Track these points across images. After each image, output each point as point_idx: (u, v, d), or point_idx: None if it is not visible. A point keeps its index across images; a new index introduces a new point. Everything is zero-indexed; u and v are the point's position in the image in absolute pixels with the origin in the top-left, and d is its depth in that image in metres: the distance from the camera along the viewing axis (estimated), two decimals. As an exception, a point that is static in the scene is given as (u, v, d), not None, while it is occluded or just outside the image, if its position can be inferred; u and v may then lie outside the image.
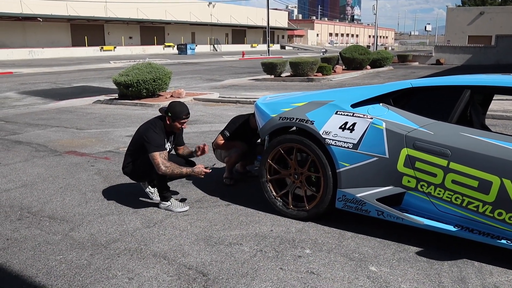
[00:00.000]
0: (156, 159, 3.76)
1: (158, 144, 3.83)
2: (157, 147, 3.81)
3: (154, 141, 3.82)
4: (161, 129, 3.94)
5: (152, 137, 3.83)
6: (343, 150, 3.41)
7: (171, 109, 3.91)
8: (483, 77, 3.39)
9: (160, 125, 3.95)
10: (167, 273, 2.90)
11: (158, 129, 3.92)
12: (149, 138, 3.83)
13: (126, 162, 4.12)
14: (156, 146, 3.81)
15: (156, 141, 3.83)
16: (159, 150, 3.81)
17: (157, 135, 3.86)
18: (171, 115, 3.90)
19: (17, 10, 41.75)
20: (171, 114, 3.90)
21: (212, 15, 66.78)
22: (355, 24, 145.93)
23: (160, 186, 4.00)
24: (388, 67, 24.38)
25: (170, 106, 3.94)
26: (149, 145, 3.81)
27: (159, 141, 3.85)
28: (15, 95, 13.55)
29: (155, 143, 3.82)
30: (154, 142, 3.82)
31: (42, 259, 3.10)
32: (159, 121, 3.99)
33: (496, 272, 2.89)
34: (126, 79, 10.94)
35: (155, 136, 3.85)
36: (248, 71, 23.27)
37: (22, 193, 4.49)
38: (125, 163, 4.13)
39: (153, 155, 3.78)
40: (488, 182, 2.88)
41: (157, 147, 3.81)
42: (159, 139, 3.86)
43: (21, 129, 8.00)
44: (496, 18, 40.78)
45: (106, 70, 23.83)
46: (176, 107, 3.93)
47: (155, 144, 3.81)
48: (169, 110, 3.91)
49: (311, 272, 2.90)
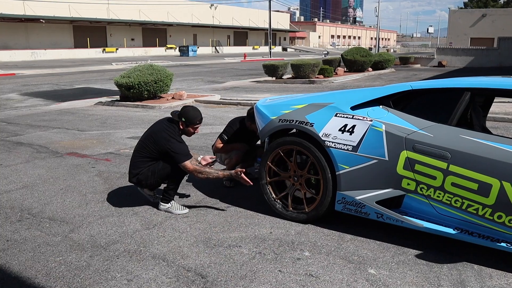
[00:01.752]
0: (189, 168, 3.73)
1: (186, 153, 3.77)
2: (186, 155, 3.75)
3: (182, 150, 3.75)
4: (180, 136, 3.87)
5: (178, 147, 3.76)
6: (342, 152, 3.41)
7: (185, 114, 3.84)
8: (484, 79, 3.39)
9: (177, 131, 3.87)
10: (166, 275, 2.90)
11: (178, 136, 3.84)
12: (175, 149, 3.74)
13: (137, 170, 3.90)
14: (185, 155, 3.75)
15: (184, 149, 3.77)
16: (189, 159, 3.76)
17: (181, 144, 3.80)
18: (185, 120, 3.83)
19: (20, 12, 41.91)
20: (185, 120, 3.83)
21: (214, 17, 66.87)
22: (357, 26, 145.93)
23: (172, 189, 3.94)
24: (390, 69, 24.37)
25: (184, 111, 3.86)
26: (177, 155, 3.73)
27: (186, 149, 3.79)
28: (17, 96, 13.59)
29: (183, 152, 3.75)
30: (182, 151, 3.75)
31: (41, 260, 3.11)
32: (174, 126, 3.88)
33: (495, 275, 2.88)
34: (127, 81, 10.97)
35: (181, 146, 3.78)
36: (250, 73, 23.28)
37: (22, 195, 4.50)
38: (136, 171, 3.91)
39: (185, 165, 3.73)
40: (488, 185, 2.87)
41: (186, 155, 3.76)
42: (185, 147, 3.80)
43: (22, 130, 8.02)
44: (499, 21, 40.77)
45: (108, 72, 23.89)
46: (190, 112, 3.86)
47: (184, 153, 3.75)
48: (183, 115, 3.84)
49: (310, 275, 2.90)
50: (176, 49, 54.04)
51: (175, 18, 58.43)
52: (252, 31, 75.27)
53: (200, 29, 62.97)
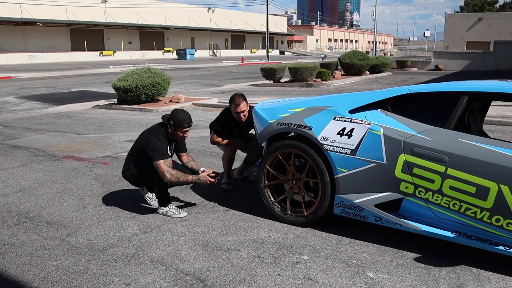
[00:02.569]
0: (161, 168, 3.74)
1: (162, 152, 3.79)
2: (161, 154, 3.78)
3: (158, 149, 3.78)
4: (164, 137, 3.90)
5: (156, 145, 3.79)
6: (341, 156, 3.41)
7: (173, 117, 3.84)
8: (481, 83, 3.40)
9: (163, 132, 3.91)
10: (164, 279, 2.89)
11: (161, 136, 3.87)
12: (153, 146, 3.79)
13: (126, 166, 4.08)
14: (161, 154, 3.78)
15: (160, 149, 3.80)
16: (164, 158, 3.78)
17: (161, 142, 3.83)
18: (173, 123, 3.84)
19: (17, 15, 41.89)
20: (173, 123, 3.84)
21: (212, 21, 67.02)
22: (354, 29, 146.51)
23: (160, 192, 3.97)
24: (387, 73, 24.44)
25: (173, 114, 3.87)
26: (153, 153, 3.78)
27: (163, 149, 3.82)
28: (14, 99, 13.56)
29: (159, 151, 3.78)
30: (158, 150, 3.78)
31: (39, 264, 3.09)
32: (161, 128, 3.94)
33: (494, 279, 2.89)
34: (125, 84, 10.95)
35: (159, 144, 3.81)
36: (247, 76, 23.31)
37: (19, 198, 4.48)
38: (125, 168, 4.09)
39: (158, 163, 3.75)
40: (486, 188, 2.88)
41: (162, 154, 3.78)
42: (163, 146, 3.83)
43: (19, 133, 8.00)
44: (495, 24, 41.02)
45: (105, 75, 23.86)
46: (178, 115, 3.85)
47: (160, 152, 3.78)
48: (171, 118, 3.85)
49: (309, 278, 2.90)
50: (174, 52, 54.11)
51: (173, 21, 58.51)
52: (250, 35, 75.45)
53: (197, 32, 63.09)
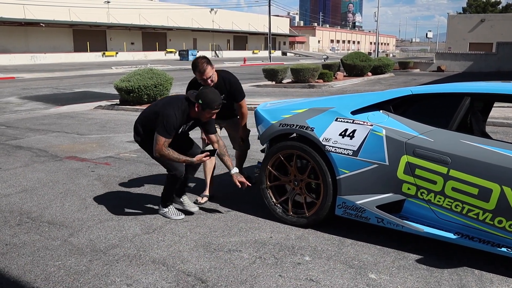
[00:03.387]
0: (159, 142, 3.53)
1: (169, 130, 3.54)
2: (167, 132, 3.54)
3: (168, 125, 3.52)
4: (182, 113, 3.59)
5: (168, 119, 3.51)
6: (343, 157, 3.41)
7: (203, 97, 3.51)
8: (483, 84, 3.40)
9: (185, 107, 3.60)
10: (166, 280, 2.89)
11: (179, 112, 3.57)
12: (165, 118, 3.51)
13: (141, 136, 3.84)
14: (167, 132, 3.53)
15: (170, 126, 3.53)
16: (166, 137, 3.54)
17: (174, 119, 3.54)
18: (202, 103, 3.51)
19: (20, 16, 42.01)
20: (202, 102, 3.51)
21: (214, 21, 67.09)
22: (357, 31, 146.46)
23: (166, 190, 3.88)
24: (389, 74, 24.42)
25: (202, 94, 3.53)
26: (161, 124, 3.53)
27: (171, 128, 3.55)
28: (16, 100, 13.59)
29: (168, 128, 3.53)
30: (168, 126, 3.52)
31: (40, 264, 3.09)
32: (185, 102, 3.62)
33: (496, 281, 2.88)
34: (127, 85, 10.97)
35: (172, 120, 3.53)
36: (250, 77, 23.32)
37: (22, 198, 4.49)
38: (139, 138, 3.86)
39: (159, 137, 3.53)
40: (488, 190, 2.87)
41: (167, 133, 3.54)
42: (173, 125, 3.55)
43: (22, 134, 8.02)
44: (497, 26, 40.94)
45: (107, 76, 23.91)
46: (209, 95, 3.53)
47: (168, 128, 3.53)
48: (201, 97, 3.51)
49: (311, 280, 2.89)
50: (176, 53, 54.16)
51: (175, 22, 58.60)
52: (252, 36, 75.49)
53: (200, 33, 63.15)
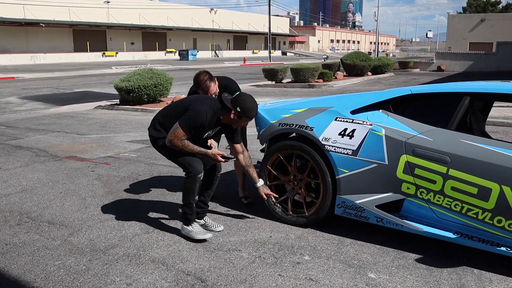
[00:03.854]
0: (177, 133, 3.21)
1: (193, 127, 3.23)
2: (189, 128, 3.22)
3: (195, 121, 3.22)
4: (213, 114, 3.30)
5: (199, 114, 3.22)
6: (342, 156, 3.41)
7: (242, 104, 3.25)
8: (483, 84, 3.40)
9: (217, 109, 3.31)
10: (166, 279, 2.89)
11: (211, 112, 3.28)
12: (194, 112, 3.22)
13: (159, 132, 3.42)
14: (190, 127, 3.22)
15: (196, 122, 3.23)
16: (186, 132, 3.22)
17: (205, 118, 3.25)
18: (240, 110, 3.24)
19: (20, 16, 42.00)
20: (241, 110, 3.24)
21: (214, 21, 67.07)
22: (357, 30, 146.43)
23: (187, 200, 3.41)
24: (389, 74, 24.42)
25: (241, 101, 3.26)
26: (187, 117, 3.22)
27: (198, 125, 3.24)
28: (16, 100, 13.59)
29: (194, 123, 3.22)
30: (194, 121, 3.22)
31: (40, 264, 3.10)
32: (218, 104, 3.33)
33: (495, 280, 2.88)
34: (127, 85, 10.98)
35: (202, 118, 3.23)
36: (250, 77, 23.32)
37: (21, 198, 4.49)
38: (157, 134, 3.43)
39: (179, 129, 3.21)
40: (487, 189, 2.87)
41: (190, 128, 3.22)
42: (202, 122, 3.25)
43: (22, 134, 8.02)
44: (497, 25, 40.93)
45: (107, 76, 23.91)
46: (248, 103, 3.27)
47: (193, 124, 3.22)
48: (240, 105, 3.24)
49: (310, 279, 2.89)
50: (176, 53, 54.15)
51: (175, 22, 58.59)
52: (252, 36, 75.47)
53: (200, 33, 63.13)
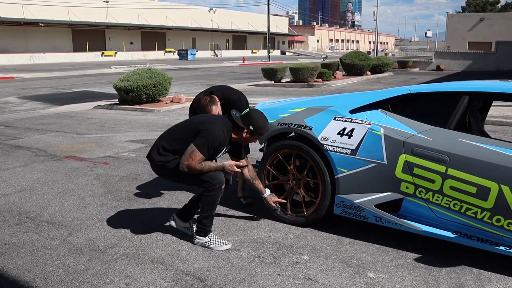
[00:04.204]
0: (195, 157, 3.07)
1: (211, 148, 3.14)
2: (208, 149, 3.12)
3: (214, 142, 3.13)
4: (227, 132, 3.25)
5: (217, 134, 3.13)
6: (341, 156, 3.41)
7: (255, 122, 3.22)
8: (482, 83, 3.40)
9: (229, 127, 3.26)
10: (165, 279, 2.89)
11: (226, 131, 3.22)
12: (212, 133, 3.12)
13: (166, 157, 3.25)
14: (208, 148, 3.12)
15: (215, 143, 3.14)
16: (204, 154, 3.11)
17: (223, 138, 3.18)
18: (253, 129, 3.23)
19: (19, 15, 41.96)
20: (254, 129, 3.23)
21: (213, 21, 67.05)
22: (356, 30, 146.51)
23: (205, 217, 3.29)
24: (388, 73, 24.43)
25: (253, 119, 3.23)
26: (204, 139, 3.10)
27: (216, 146, 3.17)
28: (15, 100, 13.58)
29: (212, 144, 3.13)
30: (212, 142, 3.12)
31: (39, 264, 3.10)
32: (230, 123, 3.27)
33: (494, 279, 2.88)
34: (126, 84, 10.97)
35: (220, 138, 3.16)
36: (249, 76, 23.32)
37: (21, 198, 4.49)
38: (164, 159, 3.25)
39: (196, 152, 3.08)
40: (486, 189, 2.87)
41: (208, 149, 3.12)
42: (220, 143, 3.18)
43: (21, 133, 8.01)
44: (496, 25, 40.95)
45: (106, 75, 23.89)
46: (260, 121, 3.25)
47: (211, 145, 3.12)
48: (252, 124, 3.22)
49: (309, 278, 2.89)
50: (175, 52, 54.14)
51: (174, 22, 58.56)
52: (251, 35, 75.46)
53: (199, 33, 63.13)
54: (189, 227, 3.49)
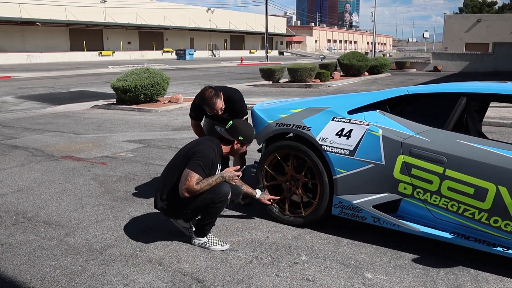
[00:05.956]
0: (191, 179, 3.05)
1: (206, 166, 3.14)
2: (202, 168, 3.11)
3: (207, 160, 3.14)
4: (217, 148, 3.29)
5: (207, 152, 3.16)
6: (339, 156, 3.41)
7: (244, 132, 3.33)
8: (479, 84, 3.41)
9: (217, 143, 3.32)
10: (162, 280, 2.88)
11: (215, 148, 3.26)
12: (202, 152, 3.15)
13: (166, 192, 3.25)
14: (202, 167, 3.11)
15: (208, 160, 3.15)
16: (200, 174, 3.10)
17: (213, 154, 3.21)
18: (243, 139, 3.33)
19: (16, 15, 41.83)
20: (244, 138, 3.33)
21: (211, 21, 67.02)
22: (354, 30, 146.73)
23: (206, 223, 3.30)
24: (386, 74, 24.47)
25: (239, 130, 3.32)
26: (197, 160, 3.11)
27: (210, 163, 3.18)
28: (12, 99, 13.54)
29: (205, 162, 3.13)
30: (205, 160, 3.13)
31: (36, 264, 3.08)
32: (216, 140, 3.35)
33: (492, 280, 2.89)
34: (124, 84, 10.95)
35: (212, 154, 3.18)
36: (247, 77, 23.31)
37: (17, 198, 4.47)
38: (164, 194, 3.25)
39: (191, 174, 3.06)
40: (484, 189, 2.88)
41: (203, 168, 3.12)
42: (213, 159, 3.20)
43: (18, 133, 7.98)
44: (493, 26, 41.09)
45: (104, 75, 23.84)
46: (248, 130, 3.37)
47: (205, 163, 3.13)
48: (241, 134, 3.31)
49: (307, 279, 2.89)
50: (173, 52, 54.06)
51: (172, 21, 58.50)
52: (249, 35, 75.46)
53: (197, 33, 63.08)
54: (189, 228, 3.48)
